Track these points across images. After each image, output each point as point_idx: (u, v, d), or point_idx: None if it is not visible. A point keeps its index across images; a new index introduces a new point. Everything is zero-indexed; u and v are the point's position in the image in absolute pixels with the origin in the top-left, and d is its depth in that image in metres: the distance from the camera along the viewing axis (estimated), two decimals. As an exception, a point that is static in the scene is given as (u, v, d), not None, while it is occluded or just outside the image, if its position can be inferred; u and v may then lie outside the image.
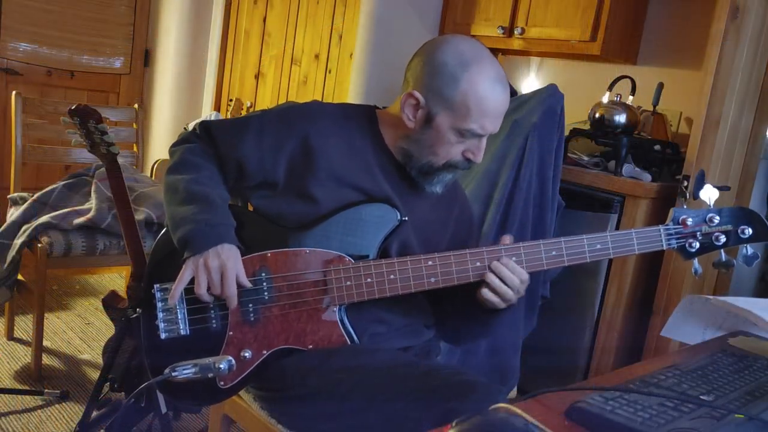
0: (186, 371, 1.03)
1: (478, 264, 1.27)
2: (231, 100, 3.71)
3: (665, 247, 1.28)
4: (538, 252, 1.27)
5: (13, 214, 2.52)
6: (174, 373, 1.02)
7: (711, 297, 1.30)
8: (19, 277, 2.48)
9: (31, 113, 2.75)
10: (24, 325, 2.85)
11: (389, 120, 1.38)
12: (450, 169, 1.35)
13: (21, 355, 2.59)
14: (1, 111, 3.79)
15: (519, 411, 0.76)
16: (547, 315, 2.35)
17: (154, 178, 3.37)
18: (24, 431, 2.09)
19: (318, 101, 1.44)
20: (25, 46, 3.80)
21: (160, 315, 1.32)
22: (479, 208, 2.16)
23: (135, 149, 2.97)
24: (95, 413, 2.03)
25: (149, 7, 4.19)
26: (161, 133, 4.12)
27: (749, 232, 1.25)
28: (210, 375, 1.06)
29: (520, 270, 1.27)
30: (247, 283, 1.29)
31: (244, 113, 3.58)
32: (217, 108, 4.01)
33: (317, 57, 3.43)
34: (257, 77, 3.78)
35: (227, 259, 1.26)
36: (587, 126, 2.62)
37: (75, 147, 2.18)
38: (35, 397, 2.28)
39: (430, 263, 1.28)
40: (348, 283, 1.29)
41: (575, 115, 2.79)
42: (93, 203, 2.51)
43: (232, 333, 1.31)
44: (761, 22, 2.20)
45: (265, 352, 1.31)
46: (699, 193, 1.34)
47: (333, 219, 1.32)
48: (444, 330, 1.51)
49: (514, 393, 2.36)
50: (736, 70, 2.18)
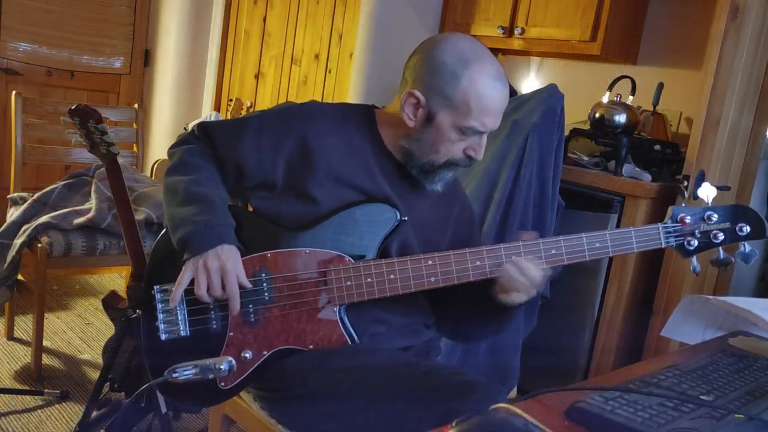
0: (186, 372, 1.03)
1: (478, 263, 1.27)
2: (231, 100, 3.71)
3: (664, 245, 1.28)
4: (537, 251, 1.27)
5: (13, 214, 2.52)
6: (174, 375, 1.02)
7: (711, 297, 1.30)
8: (19, 277, 2.48)
9: (31, 113, 2.75)
10: (24, 325, 2.85)
11: (388, 119, 1.38)
12: (451, 167, 1.35)
13: (21, 355, 2.59)
14: (1, 111, 3.79)
15: (519, 411, 0.76)
16: (547, 315, 2.35)
17: (154, 178, 3.38)
18: (24, 431, 2.09)
19: (316, 101, 1.44)
20: (25, 46, 3.80)
21: (160, 316, 1.32)
22: (479, 208, 2.16)
23: (135, 149, 2.97)
24: (95, 413, 2.03)
25: (149, 7, 4.19)
26: (161, 133, 4.12)
27: (747, 229, 1.25)
28: (210, 376, 1.06)
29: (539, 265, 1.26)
30: (248, 284, 1.29)
31: (244, 113, 3.57)
32: (217, 108, 4.01)
33: (317, 57, 3.43)
34: (257, 77, 3.78)
35: (227, 260, 1.26)
36: (587, 126, 2.62)
37: (75, 147, 2.18)
38: (35, 397, 2.28)
39: (430, 263, 1.28)
40: (348, 283, 1.29)
41: (575, 115, 2.79)
42: (93, 203, 2.51)
43: (232, 334, 1.31)
44: (761, 22, 2.20)
45: (266, 352, 1.31)
46: (697, 192, 1.34)
47: (332, 219, 1.32)
48: (450, 328, 1.51)
49: (514, 393, 2.36)
50: (736, 70, 2.18)
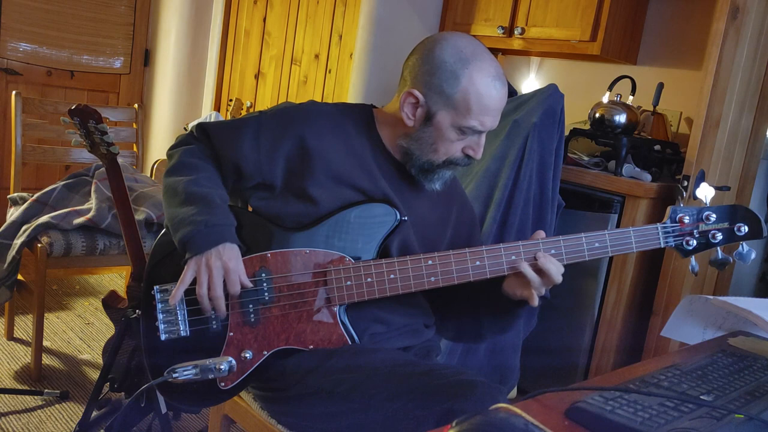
0: (186, 372, 1.03)
1: (478, 263, 1.27)
2: (231, 100, 3.71)
3: (663, 245, 1.28)
4: (537, 251, 1.27)
5: (13, 214, 2.52)
6: (174, 375, 1.02)
7: (711, 297, 1.30)
8: (19, 277, 2.48)
9: (31, 113, 2.75)
10: (24, 325, 2.85)
11: (387, 119, 1.38)
12: (450, 166, 1.36)
13: (21, 355, 2.59)
14: (1, 111, 3.79)
15: (519, 411, 0.76)
16: (547, 315, 2.35)
17: (154, 178, 3.38)
18: (24, 431, 2.09)
19: (315, 101, 1.44)
20: (25, 46, 3.80)
21: (160, 316, 1.32)
22: (479, 208, 2.16)
23: (135, 149, 2.97)
24: (95, 413, 2.03)
25: (149, 7, 4.19)
26: (161, 133, 4.12)
27: (745, 229, 1.26)
28: (210, 376, 1.06)
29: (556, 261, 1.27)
30: (249, 284, 1.29)
31: (244, 113, 3.58)
32: (217, 108, 4.01)
33: (317, 57, 3.43)
34: (257, 77, 3.78)
35: (229, 260, 1.26)
36: (587, 126, 2.62)
37: (75, 147, 2.18)
38: (35, 397, 2.28)
39: (430, 263, 1.28)
40: (348, 283, 1.29)
41: (575, 115, 2.79)
42: (93, 203, 2.51)
43: (232, 334, 1.31)
44: (761, 22, 2.20)
45: (266, 352, 1.31)
46: (695, 192, 1.35)
47: (332, 219, 1.32)
48: (455, 330, 1.51)
49: (514, 393, 2.36)
50: (736, 70, 2.18)
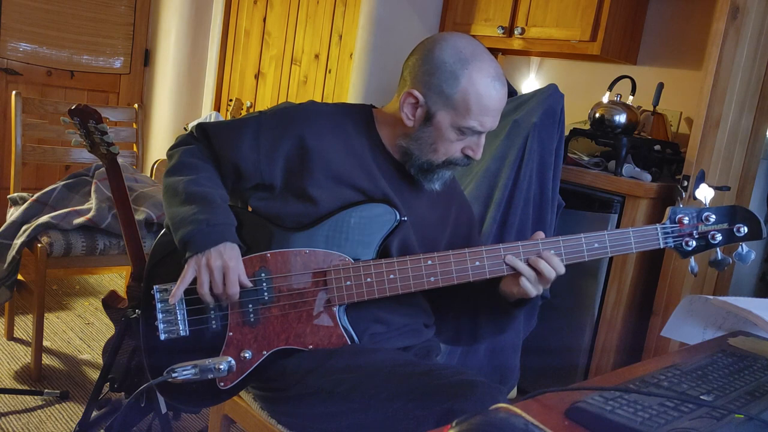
0: (186, 372, 1.03)
1: (477, 263, 1.27)
2: (231, 100, 3.71)
3: (662, 246, 1.28)
4: (536, 251, 1.27)
5: (13, 214, 2.52)
6: (174, 375, 1.02)
7: (711, 297, 1.30)
8: (19, 277, 2.48)
9: (31, 113, 2.75)
10: (24, 325, 2.85)
11: (387, 119, 1.38)
12: (450, 167, 1.36)
13: (21, 355, 2.59)
14: (1, 111, 3.79)
15: (519, 411, 0.76)
16: (547, 315, 2.35)
17: (154, 178, 3.38)
18: (24, 431, 2.09)
19: (314, 101, 1.44)
20: (25, 46, 3.80)
21: (159, 316, 1.32)
22: (479, 208, 2.16)
23: (135, 149, 2.97)
24: (95, 413, 2.03)
25: (149, 7, 4.19)
26: (161, 133, 4.12)
27: (744, 230, 1.26)
28: (210, 376, 1.06)
29: (557, 262, 1.26)
30: (249, 283, 1.29)
31: (244, 113, 3.58)
32: (217, 108, 4.01)
33: (317, 57, 3.43)
34: (257, 77, 3.78)
35: (230, 259, 1.26)
36: (587, 126, 2.62)
37: (75, 147, 2.18)
38: (35, 397, 2.28)
39: (429, 263, 1.28)
40: (348, 283, 1.29)
41: (575, 115, 2.79)
42: (93, 203, 2.51)
43: (231, 333, 1.31)
44: (761, 22, 2.20)
45: (265, 352, 1.31)
46: (695, 193, 1.35)
47: (332, 219, 1.32)
48: (453, 332, 1.51)
49: (514, 393, 2.36)
50: (736, 70, 2.18)
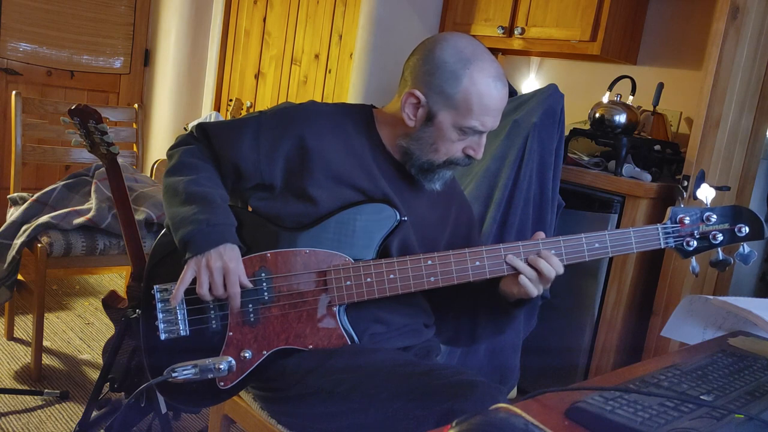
0: (186, 372, 1.03)
1: (477, 263, 1.27)
2: (231, 100, 3.71)
3: (663, 246, 1.28)
4: (537, 251, 1.27)
5: (13, 214, 2.52)
6: (174, 374, 1.02)
7: (711, 297, 1.30)
8: (19, 277, 2.48)
9: (31, 113, 2.75)
10: (24, 325, 2.85)
11: (387, 119, 1.38)
12: (450, 166, 1.36)
13: (21, 355, 2.59)
14: (1, 111, 3.79)
15: (519, 411, 0.76)
16: (547, 315, 2.35)
17: (154, 178, 3.38)
18: (24, 431, 2.09)
19: (314, 101, 1.44)
20: (25, 46, 3.80)
21: (159, 316, 1.32)
22: (479, 208, 2.16)
23: (135, 149, 2.97)
24: (95, 413, 2.03)
25: (149, 7, 4.19)
26: (161, 133, 4.12)
27: (746, 230, 1.25)
28: (210, 376, 1.06)
29: (557, 261, 1.26)
30: (249, 284, 1.29)
31: (243, 113, 3.58)
32: (217, 108, 4.01)
33: (317, 57, 3.43)
34: (257, 77, 3.78)
35: (230, 260, 1.26)
36: (587, 126, 2.62)
37: (75, 147, 2.18)
38: (35, 397, 2.28)
39: (429, 263, 1.28)
40: (348, 283, 1.29)
41: (575, 115, 2.79)
42: (93, 203, 2.51)
43: (232, 333, 1.31)
44: (761, 22, 2.20)
45: (265, 352, 1.31)
46: (696, 193, 1.35)
47: (332, 219, 1.32)
48: (453, 332, 1.51)
49: (514, 393, 2.36)
50: (736, 70, 2.18)
